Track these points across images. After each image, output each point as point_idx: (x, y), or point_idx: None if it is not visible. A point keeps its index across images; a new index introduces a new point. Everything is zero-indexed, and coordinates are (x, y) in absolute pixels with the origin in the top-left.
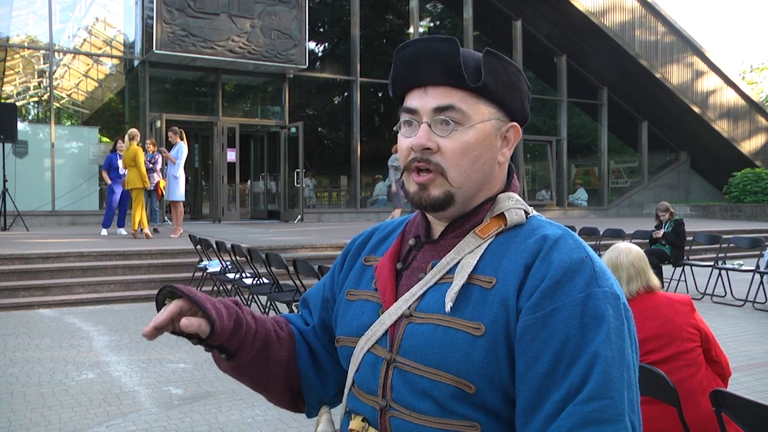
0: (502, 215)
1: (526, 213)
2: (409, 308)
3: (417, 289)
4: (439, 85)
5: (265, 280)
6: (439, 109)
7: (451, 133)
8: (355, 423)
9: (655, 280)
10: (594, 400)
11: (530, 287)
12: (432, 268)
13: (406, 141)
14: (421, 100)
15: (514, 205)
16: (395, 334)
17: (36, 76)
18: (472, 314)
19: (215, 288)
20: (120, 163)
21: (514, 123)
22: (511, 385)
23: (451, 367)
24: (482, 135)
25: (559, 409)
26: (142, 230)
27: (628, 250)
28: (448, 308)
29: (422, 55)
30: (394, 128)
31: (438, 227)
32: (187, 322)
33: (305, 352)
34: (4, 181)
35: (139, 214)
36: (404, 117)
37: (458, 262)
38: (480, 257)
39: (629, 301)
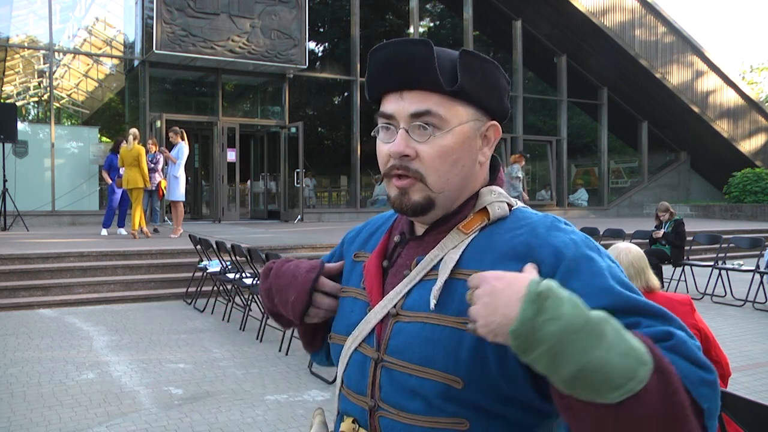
0: (485, 209)
1: (510, 206)
2: (395, 307)
3: (402, 287)
4: (414, 89)
5: None
6: (416, 115)
7: (429, 138)
8: (346, 425)
9: (654, 281)
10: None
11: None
12: (416, 265)
13: (384, 147)
14: (398, 105)
15: (496, 199)
16: (382, 333)
17: (36, 76)
18: (458, 309)
19: (215, 288)
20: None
21: (494, 122)
22: (500, 378)
23: (439, 363)
24: (461, 138)
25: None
26: (141, 230)
27: (628, 251)
28: (432, 306)
29: (397, 59)
30: (372, 133)
31: (421, 225)
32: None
33: None
34: (4, 181)
35: (139, 214)
36: (381, 122)
37: (442, 259)
38: (463, 252)
39: None
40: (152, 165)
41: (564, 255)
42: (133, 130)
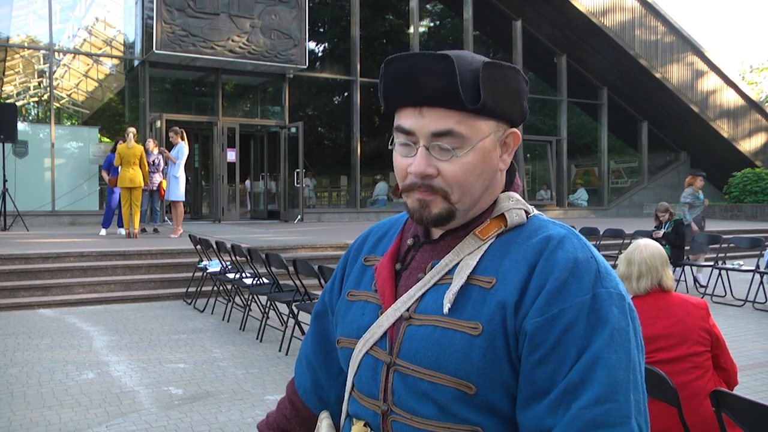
0: (502, 216)
1: (527, 213)
2: (408, 310)
3: (415, 291)
4: (435, 106)
5: (265, 280)
6: (437, 135)
7: (451, 158)
8: (357, 428)
9: (669, 281)
10: (600, 403)
11: (536, 286)
12: (431, 268)
13: (403, 162)
14: (417, 122)
15: (514, 206)
16: (395, 337)
17: (36, 76)
18: (470, 314)
19: (215, 288)
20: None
21: (514, 129)
22: (513, 382)
23: (450, 368)
24: (483, 153)
25: (556, 404)
26: (140, 230)
27: (645, 247)
28: (446, 310)
29: (416, 73)
30: (389, 146)
31: (437, 229)
32: None
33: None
34: (4, 181)
35: (138, 214)
36: (399, 138)
37: (458, 264)
38: (480, 258)
39: (639, 299)
40: (153, 165)
41: (566, 302)
42: (132, 129)
